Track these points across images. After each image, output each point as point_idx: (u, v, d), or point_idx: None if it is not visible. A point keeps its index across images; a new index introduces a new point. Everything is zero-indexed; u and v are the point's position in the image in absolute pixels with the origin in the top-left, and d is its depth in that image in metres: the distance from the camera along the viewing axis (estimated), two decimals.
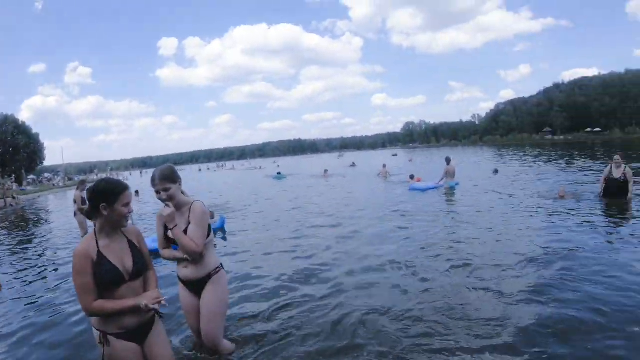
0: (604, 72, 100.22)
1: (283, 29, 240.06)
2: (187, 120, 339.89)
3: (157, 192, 2.43)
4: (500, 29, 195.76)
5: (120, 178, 3.55)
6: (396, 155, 56.40)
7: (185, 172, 56.93)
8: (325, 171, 22.07)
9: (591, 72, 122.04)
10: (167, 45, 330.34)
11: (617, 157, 7.88)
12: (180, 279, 2.61)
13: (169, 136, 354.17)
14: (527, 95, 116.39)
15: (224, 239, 7.13)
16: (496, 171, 16.22)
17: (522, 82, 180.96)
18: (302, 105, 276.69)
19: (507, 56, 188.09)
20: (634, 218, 6.48)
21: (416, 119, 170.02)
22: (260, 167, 46.69)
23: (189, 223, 2.44)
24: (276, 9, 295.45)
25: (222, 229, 7.67)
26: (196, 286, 2.55)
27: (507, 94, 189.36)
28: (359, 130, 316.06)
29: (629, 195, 7.60)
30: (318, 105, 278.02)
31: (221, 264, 2.65)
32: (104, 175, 45.59)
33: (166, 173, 2.43)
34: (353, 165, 30.84)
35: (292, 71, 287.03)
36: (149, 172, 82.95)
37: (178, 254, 2.47)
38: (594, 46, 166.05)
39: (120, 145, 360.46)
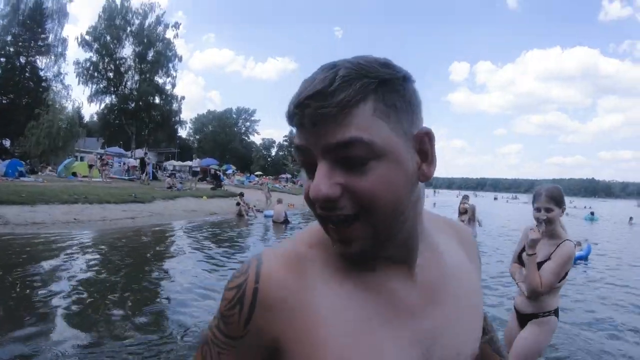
0: None
1: (578, 53, 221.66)
2: (475, 146, 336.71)
3: (538, 210, 2.28)
4: None
5: None
6: None
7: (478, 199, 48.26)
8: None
9: None
10: (458, 69, 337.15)
11: None
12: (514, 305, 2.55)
13: (454, 160, 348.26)
14: None
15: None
16: None
17: None
18: (597, 140, 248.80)
19: None
20: None
21: None
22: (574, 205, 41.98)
23: (548, 259, 2.27)
24: (570, 31, 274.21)
25: (585, 257, 8.07)
26: (522, 319, 2.44)
27: None
28: None
29: None
30: (614, 141, 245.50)
31: (556, 311, 2.42)
32: None
33: (555, 193, 2.29)
34: None
35: (588, 100, 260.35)
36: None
37: (521, 283, 2.39)
38: None
39: None
